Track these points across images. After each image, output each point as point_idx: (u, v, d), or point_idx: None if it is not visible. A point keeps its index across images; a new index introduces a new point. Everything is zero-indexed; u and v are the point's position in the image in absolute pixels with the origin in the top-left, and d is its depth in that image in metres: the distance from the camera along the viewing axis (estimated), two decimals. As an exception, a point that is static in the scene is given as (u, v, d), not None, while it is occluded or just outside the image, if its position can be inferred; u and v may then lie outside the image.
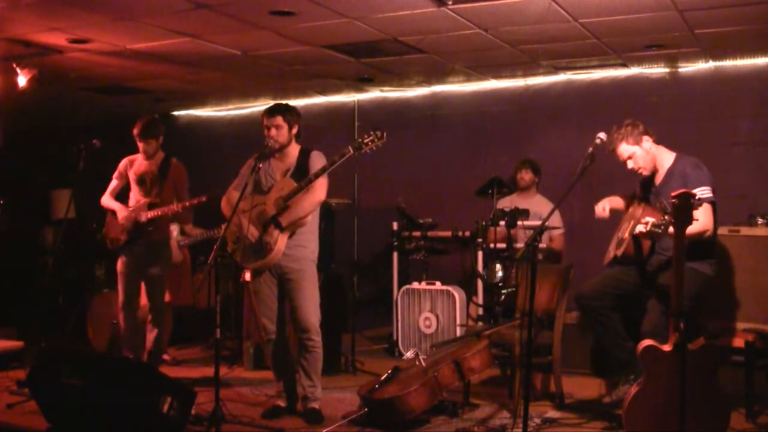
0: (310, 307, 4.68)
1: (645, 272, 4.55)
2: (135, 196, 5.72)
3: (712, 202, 4.32)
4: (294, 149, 4.79)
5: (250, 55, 6.58)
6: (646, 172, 4.61)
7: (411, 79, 7.71)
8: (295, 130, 4.76)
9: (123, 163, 5.76)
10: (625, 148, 4.53)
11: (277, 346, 4.84)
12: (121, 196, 5.79)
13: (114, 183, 5.76)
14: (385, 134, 4.45)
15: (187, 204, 5.51)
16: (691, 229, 3.82)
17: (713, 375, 3.89)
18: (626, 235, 4.47)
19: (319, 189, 4.61)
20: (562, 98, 7.55)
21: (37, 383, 4.48)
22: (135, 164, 5.78)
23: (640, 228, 4.20)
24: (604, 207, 4.69)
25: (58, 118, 9.36)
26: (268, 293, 4.77)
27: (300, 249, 4.69)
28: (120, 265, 5.64)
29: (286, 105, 4.80)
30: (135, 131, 5.66)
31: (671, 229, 4.21)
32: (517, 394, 4.80)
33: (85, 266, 7.54)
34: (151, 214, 5.55)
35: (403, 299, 6.61)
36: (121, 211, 5.61)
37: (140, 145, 5.69)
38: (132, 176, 5.75)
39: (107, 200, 5.72)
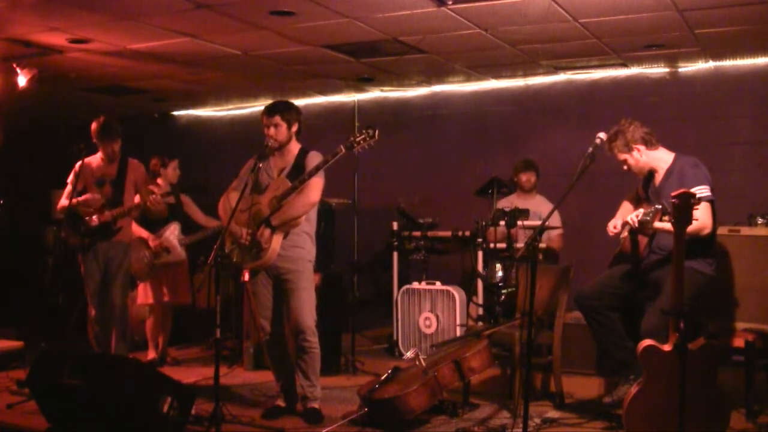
0: (306, 309, 4.68)
1: (643, 272, 4.55)
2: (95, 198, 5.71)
3: (711, 201, 4.32)
4: (294, 147, 4.78)
5: (250, 55, 6.58)
6: (640, 176, 4.67)
7: (411, 79, 7.71)
8: (295, 128, 4.75)
9: (78, 166, 5.61)
10: (617, 155, 4.57)
11: (274, 345, 4.84)
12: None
13: (70, 187, 5.63)
14: (377, 132, 4.44)
15: (149, 201, 5.56)
16: (689, 227, 3.82)
17: (713, 375, 3.89)
18: (624, 233, 4.48)
19: (314, 190, 4.60)
20: (562, 98, 7.56)
21: (37, 383, 4.48)
22: (92, 167, 5.74)
23: (632, 218, 4.24)
24: (615, 225, 4.53)
25: (58, 118, 9.37)
26: (265, 293, 4.77)
27: (296, 250, 4.69)
28: (84, 266, 5.66)
29: (285, 103, 4.79)
30: (97, 133, 5.61)
31: (658, 224, 4.23)
32: (517, 394, 4.80)
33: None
34: (116, 212, 5.59)
35: (403, 299, 6.61)
36: (86, 196, 5.59)
37: (105, 146, 5.65)
38: (90, 179, 5.72)
39: (66, 203, 5.60)
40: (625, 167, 4.60)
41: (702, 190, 4.21)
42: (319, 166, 4.52)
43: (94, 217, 5.58)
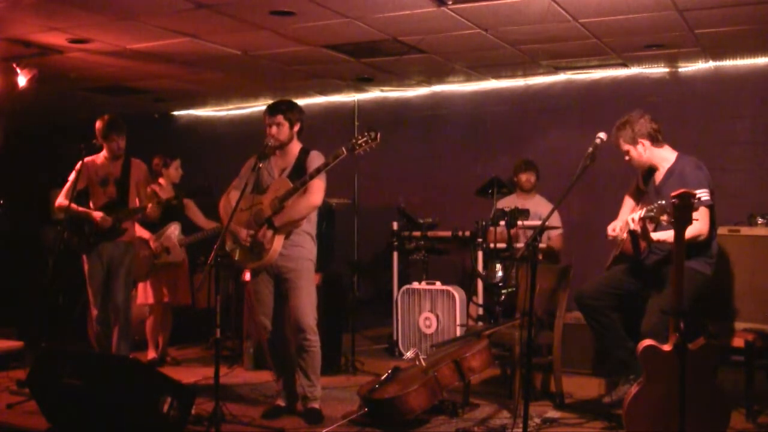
0: (307, 308, 4.68)
1: (643, 272, 4.55)
2: (98, 198, 5.72)
3: (710, 206, 4.31)
4: (295, 147, 4.79)
5: (250, 55, 6.58)
6: (639, 169, 4.68)
7: (411, 79, 7.71)
8: (297, 128, 4.76)
9: (81, 165, 5.58)
10: (621, 144, 4.57)
11: (275, 342, 4.85)
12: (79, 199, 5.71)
13: (71, 185, 5.60)
14: (379, 135, 4.45)
15: (152, 204, 5.61)
16: (687, 232, 3.81)
17: (713, 375, 3.89)
18: (624, 234, 4.48)
19: (316, 192, 4.61)
20: (562, 98, 7.55)
21: (37, 383, 4.48)
22: (95, 167, 5.74)
23: (633, 218, 4.22)
24: (614, 228, 4.54)
25: (58, 118, 9.37)
26: (266, 292, 4.78)
27: (297, 249, 4.69)
28: (87, 266, 5.67)
29: (288, 103, 4.80)
30: (103, 130, 5.61)
31: (655, 235, 4.23)
32: (517, 394, 4.80)
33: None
34: (122, 213, 5.61)
35: (403, 299, 6.61)
36: (95, 215, 5.59)
37: (111, 142, 5.64)
38: (94, 178, 5.72)
39: (65, 202, 5.58)
40: (627, 158, 4.60)
41: (702, 194, 4.20)
42: (320, 169, 4.52)
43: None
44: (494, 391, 5.42)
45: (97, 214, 5.60)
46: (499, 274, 6.19)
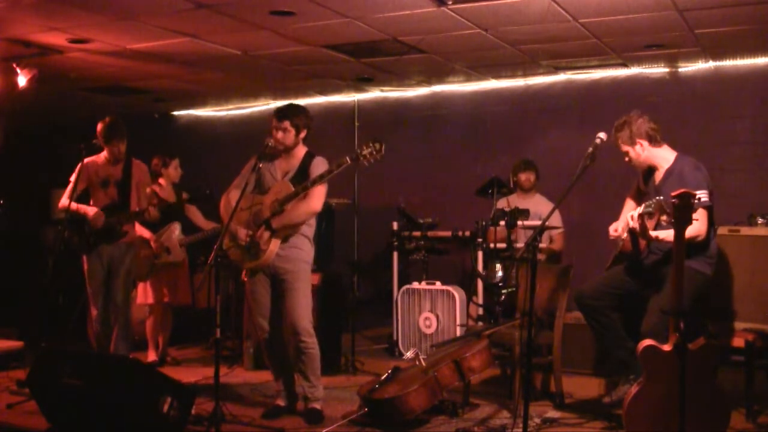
0: (302, 310, 4.67)
1: (643, 272, 4.55)
2: (99, 199, 5.71)
3: (709, 207, 4.31)
4: (300, 151, 4.79)
5: (250, 55, 6.58)
6: (639, 169, 4.69)
7: (411, 79, 7.71)
8: (303, 134, 4.75)
9: (82, 165, 5.57)
10: (620, 145, 4.58)
11: (273, 344, 4.84)
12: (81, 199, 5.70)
13: (73, 186, 5.59)
14: (383, 147, 4.46)
15: (151, 205, 5.60)
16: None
17: (713, 375, 3.89)
18: (624, 234, 4.48)
19: (316, 198, 4.61)
20: (562, 98, 7.55)
21: (37, 383, 4.48)
22: (96, 168, 5.72)
23: (632, 215, 4.22)
24: (616, 228, 4.55)
25: (58, 118, 9.37)
26: (263, 293, 4.78)
27: (294, 250, 4.69)
28: (87, 266, 5.66)
29: (296, 108, 4.77)
30: (104, 135, 5.59)
31: (654, 232, 4.23)
32: (517, 394, 4.80)
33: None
34: (123, 216, 5.61)
35: (403, 299, 6.61)
36: (93, 214, 5.58)
37: (112, 147, 5.63)
38: (94, 179, 5.70)
39: (66, 202, 5.56)
40: (627, 159, 4.61)
41: (701, 195, 4.19)
42: (323, 176, 4.52)
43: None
44: (494, 391, 5.42)
45: (91, 210, 5.58)
46: (499, 274, 6.19)
